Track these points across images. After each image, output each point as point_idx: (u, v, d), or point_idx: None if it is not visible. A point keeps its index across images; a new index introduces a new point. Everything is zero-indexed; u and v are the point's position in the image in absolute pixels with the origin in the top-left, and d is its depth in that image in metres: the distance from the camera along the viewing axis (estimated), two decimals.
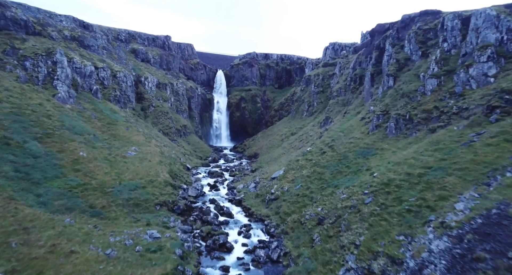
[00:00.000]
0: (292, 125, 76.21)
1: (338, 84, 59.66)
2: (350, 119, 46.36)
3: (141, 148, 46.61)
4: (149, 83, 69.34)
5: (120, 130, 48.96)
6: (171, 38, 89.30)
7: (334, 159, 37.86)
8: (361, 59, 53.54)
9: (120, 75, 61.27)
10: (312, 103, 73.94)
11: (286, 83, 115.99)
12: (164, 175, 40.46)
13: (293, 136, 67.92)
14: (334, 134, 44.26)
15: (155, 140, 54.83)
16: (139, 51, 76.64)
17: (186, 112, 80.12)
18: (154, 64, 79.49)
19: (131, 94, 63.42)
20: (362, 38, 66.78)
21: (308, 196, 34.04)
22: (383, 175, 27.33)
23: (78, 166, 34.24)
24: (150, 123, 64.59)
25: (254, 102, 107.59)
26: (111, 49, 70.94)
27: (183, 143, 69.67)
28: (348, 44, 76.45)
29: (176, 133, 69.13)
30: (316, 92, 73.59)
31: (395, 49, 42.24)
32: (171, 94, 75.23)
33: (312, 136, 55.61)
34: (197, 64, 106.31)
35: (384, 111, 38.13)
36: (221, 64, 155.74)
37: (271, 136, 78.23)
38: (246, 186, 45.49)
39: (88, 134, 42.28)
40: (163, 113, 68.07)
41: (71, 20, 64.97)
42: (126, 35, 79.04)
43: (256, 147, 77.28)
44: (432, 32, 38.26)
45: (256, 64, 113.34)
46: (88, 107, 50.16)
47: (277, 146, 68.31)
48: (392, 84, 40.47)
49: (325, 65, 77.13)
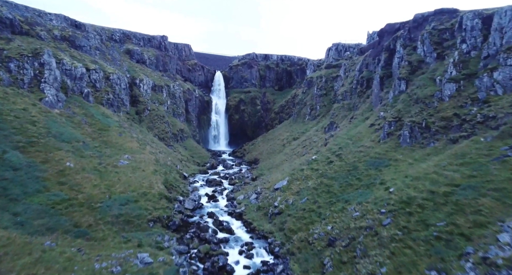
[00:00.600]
0: (293, 129, 73.56)
1: (343, 87, 57.04)
2: (357, 125, 43.70)
3: (135, 156, 43.81)
4: (144, 85, 66.56)
5: (112, 137, 46.15)
6: (167, 38, 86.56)
7: (342, 170, 35.18)
8: (368, 61, 50.92)
9: (114, 77, 58.48)
10: (314, 107, 71.29)
11: (287, 84, 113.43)
12: (158, 186, 37.67)
13: (295, 141, 65.24)
14: (341, 141, 41.60)
15: (150, 146, 52.06)
16: (134, 52, 73.85)
17: (183, 116, 77.34)
18: (149, 66, 76.70)
19: (125, 97, 60.63)
20: (368, 38, 64.26)
21: (315, 212, 31.34)
22: (401, 191, 24.67)
23: (64, 179, 31.42)
24: (145, 127, 61.79)
25: (254, 104, 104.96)
26: (104, 50, 68.12)
27: (180, 148, 66.89)
28: (352, 45, 73.91)
29: (172, 138, 66.35)
30: (319, 95, 70.96)
31: (407, 50, 39.61)
32: (167, 96, 72.45)
33: (316, 142, 52.94)
34: (194, 65, 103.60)
35: (396, 118, 35.50)
36: (219, 65, 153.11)
37: (272, 140, 75.54)
38: (246, 197, 42.76)
39: (77, 141, 39.47)
40: (159, 117, 65.28)
41: (62, 19, 62.14)
42: (121, 35, 76.24)
43: (256, 152, 74.56)
44: (449, 32, 35.68)
45: (256, 65, 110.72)
46: (78, 111, 47.34)
47: (279, 151, 65.61)
48: (404, 88, 37.85)
49: (328, 67, 74.53)
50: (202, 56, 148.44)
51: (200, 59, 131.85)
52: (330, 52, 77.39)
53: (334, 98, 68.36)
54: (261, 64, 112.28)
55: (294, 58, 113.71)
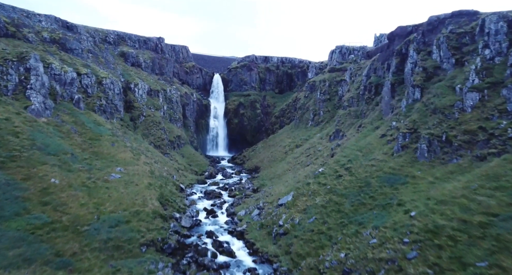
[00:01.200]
0: (296, 135, 70.86)
1: (349, 93, 54.39)
2: (367, 135, 41.02)
3: (128, 168, 40.98)
4: (140, 90, 63.74)
5: (104, 147, 43.30)
6: (164, 40, 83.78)
7: (353, 186, 32.47)
8: (376, 65, 48.31)
9: (107, 82, 55.66)
10: (318, 112, 68.64)
11: (287, 87, 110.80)
12: (153, 203, 34.85)
13: (298, 148, 62.53)
14: (350, 152, 38.90)
15: (144, 156, 49.26)
16: (129, 55, 71.02)
17: (180, 121, 74.53)
18: (145, 69, 73.88)
19: (119, 103, 57.80)
20: (375, 41, 61.65)
21: (325, 234, 28.60)
22: (425, 217, 21.97)
23: (47, 198, 28.56)
24: (140, 135, 58.94)
25: (253, 108, 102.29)
26: (97, 53, 65.27)
27: (177, 156, 64.05)
28: (357, 47, 71.32)
29: (169, 145, 63.52)
30: (323, 100, 68.31)
31: (421, 55, 36.99)
32: (163, 101, 69.62)
33: (321, 151, 50.25)
34: (192, 68, 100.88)
35: (411, 129, 32.84)
36: (217, 66, 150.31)
37: (273, 147, 72.80)
38: (248, 213, 39.99)
39: (64, 153, 36.62)
40: (155, 123, 62.44)
41: (52, 20, 59.32)
42: (115, 36, 73.41)
43: (256, 159, 71.81)
44: (469, 37, 33.06)
45: (255, 68, 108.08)
46: (68, 119, 44.47)
47: (281, 159, 62.88)
48: (419, 96, 35.22)
49: (331, 70, 71.92)
50: (200, 58, 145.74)
51: (197, 61, 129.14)
52: (334, 55, 74.79)
53: (339, 104, 65.77)
54: (261, 66, 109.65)
55: (295, 60, 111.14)
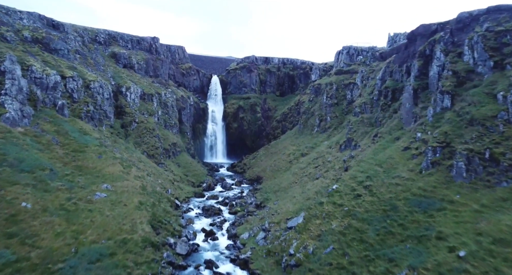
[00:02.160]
0: (300, 142, 66.58)
1: (361, 98, 50.15)
2: (385, 146, 36.77)
3: (116, 185, 36.53)
4: (132, 94, 59.26)
5: (89, 160, 38.83)
6: (159, 40, 79.35)
7: (376, 209, 28.18)
8: (392, 68, 44.12)
9: (95, 86, 51.21)
10: (324, 118, 64.39)
11: (289, 90, 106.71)
12: (143, 228, 30.42)
13: (303, 157, 58.25)
14: (367, 167, 34.63)
15: (136, 168, 44.83)
16: (121, 55, 66.52)
17: (176, 127, 70.09)
18: (138, 71, 69.41)
19: (109, 109, 53.32)
20: (389, 41, 57.50)
21: (347, 270, 24.25)
22: (481, 261, 17.73)
23: (14, 228, 24.08)
24: (131, 143, 54.48)
25: (254, 111, 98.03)
26: (86, 53, 60.78)
27: (172, 166, 59.59)
28: (365, 48, 67.24)
29: (163, 154, 59.06)
30: (329, 104, 64.09)
31: (450, 57, 32.81)
32: (158, 106, 65.15)
33: (332, 163, 45.98)
34: (189, 69, 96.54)
35: (442, 143, 28.62)
36: (215, 68, 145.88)
37: (276, 154, 68.46)
38: (252, 235, 35.62)
39: (41, 169, 32.15)
40: (148, 130, 57.97)
41: (36, 18, 54.82)
42: (106, 36, 68.91)
43: (258, 168, 67.44)
44: (510, 36, 28.93)
45: (256, 69, 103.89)
46: (49, 128, 39.97)
47: (285, 169, 58.55)
48: (449, 104, 31.02)
49: (338, 73, 67.74)
50: (197, 58, 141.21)
51: (194, 62, 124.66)
52: (341, 56, 70.64)
53: (347, 109, 61.62)
54: (261, 67, 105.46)
55: (297, 62, 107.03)
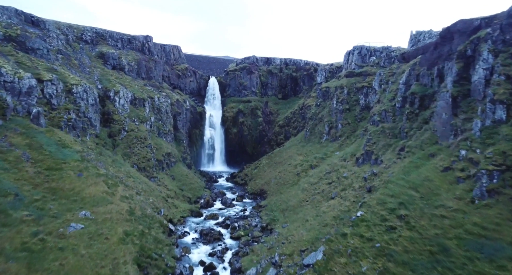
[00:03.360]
0: (308, 151, 61.24)
1: (380, 105, 44.80)
2: (418, 164, 31.46)
3: (97, 210, 31.01)
4: (121, 99, 53.68)
5: (66, 179, 33.26)
6: (152, 38, 73.78)
7: (420, 250, 22.83)
8: (419, 71, 38.83)
9: (78, 90, 45.66)
10: (334, 124, 59.07)
11: (292, 92, 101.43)
12: (127, 270, 24.91)
13: (313, 170, 52.92)
14: (398, 190, 29.31)
15: (123, 185, 39.32)
16: (109, 56, 60.83)
17: (171, 134, 64.53)
18: (129, 73, 63.79)
19: (94, 116, 47.74)
20: (411, 40, 52.07)
21: None
22: None
23: None
24: (120, 155, 48.91)
25: (254, 115, 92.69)
26: (70, 53, 55.23)
27: (166, 179, 54.06)
28: (379, 48, 62.06)
29: (156, 166, 53.55)
30: (340, 110, 58.80)
31: (501, 59, 27.54)
32: (150, 112, 59.58)
33: (349, 179, 40.65)
34: (185, 70, 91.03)
35: (501, 166, 23.36)
36: (213, 68, 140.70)
37: (281, 165, 63.06)
38: (260, 271, 30.17)
39: (4, 195, 26.63)
40: (139, 139, 52.41)
41: (12, 13, 49.25)
42: (93, 34, 63.27)
43: (261, 180, 61.99)
44: None
45: (256, 70, 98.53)
46: (20, 142, 34.39)
47: (292, 183, 53.17)
48: (504, 116, 25.79)
49: (349, 75, 62.48)
50: (194, 59, 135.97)
51: (191, 62, 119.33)
52: (351, 57, 65.39)
53: (360, 115, 56.40)
54: (262, 68, 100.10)
55: (300, 62, 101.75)
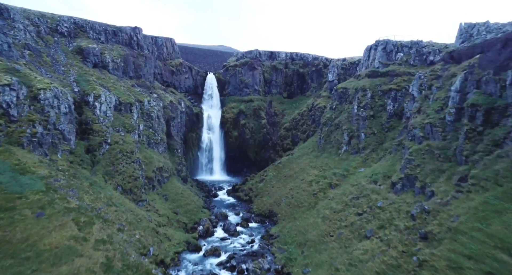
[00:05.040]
0: (323, 164, 53.47)
1: (422, 116, 36.84)
2: (498, 208, 23.70)
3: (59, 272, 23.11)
4: (103, 104, 45.43)
5: (19, 224, 25.30)
6: (141, 30, 65.09)
7: None
8: (480, 75, 30.94)
9: (47, 96, 37.44)
10: (356, 134, 51.25)
11: (298, 91, 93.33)
12: None
13: (333, 190, 45.28)
14: (477, 248, 21.69)
15: (101, 221, 31.40)
16: (90, 51, 52.23)
17: (163, 144, 56.38)
18: (114, 71, 55.31)
19: (68, 127, 39.55)
20: (461, 35, 43.60)
21: None
22: None
23: None
24: (100, 175, 40.88)
25: (257, 117, 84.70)
26: (40, 49, 46.85)
27: (158, 200, 46.18)
28: (406, 43, 54.05)
29: (146, 185, 45.66)
30: (363, 117, 50.94)
31: None
32: (139, 118, 51.42)
33: (386, 211, 32.97)
34: (179, 66, 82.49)
35: None
36: (211, 62, 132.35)
37: (291, 179, 55.29)
38: None
39: None
40: (125, 154, 44.37)
41: None
42: (70, 25, 54.61)
43: (269, 197, 54.23)
44: None
45: (259, 66, 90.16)
46: None
47: (308, 205, 45.50)
48: None
49: (373, 75, 54.47)
50: (189, 51, 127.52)
51: (186, 56, 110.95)
52: (374, 53, 57.31)
53: (388, 124, 48.64)
54: (265, 64, 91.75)
55: (307, 57, 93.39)
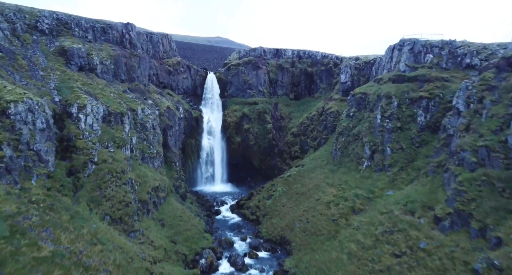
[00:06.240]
0: (342, 181, 47.68)
1: (473, 136, 30.88)
2: None
3: None
4: (88, 116, 39.24)
5: None
6: (134, 27, 58.56)
7: None
8: None
9: (19, 110, 31.35)
10: (380, 148, 45.37)
11: (306, 92, 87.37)
12: None
13: (357, 216, 39.55)
14: None
15: (82, 269, 25.45)
16: (74, 52, 45.78)
17: (159, 157, 50.27)
18: (103, 75, 48.98)
19: (45, 146, 33.43)
20: None
21: None
22: None
23: None
24: (85, 202, 34.89)
25: (262, 121, 78.78)
26: (15, 50, 40.57)
27: (153, 228, 40.27)
28: (436, 42, 48.05)
29: (139, 211, 39.74)
30: (389, 129, 45.02)
31: None
32: (132, 130, 45.30)
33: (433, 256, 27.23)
34: (177, 65, 76.16)
35: None
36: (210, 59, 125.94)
37: (304, 198, 49.48)
38: None
39: None
40: (115, 174, 38.33)
41: None
42: (53, 22, 48.14)
43: (280, 219, 48.40)
44: None
45: (264, 65, 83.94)
46: None
47: (328, 234, 39.73)
48: None
49: (398, 80, 48.44)
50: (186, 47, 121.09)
51: (183, 52, 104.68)
52: (399, 54, 51.23)
53: (419, 138, 42.74)
54: (270, 63, 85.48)
55: (316, 55, 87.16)
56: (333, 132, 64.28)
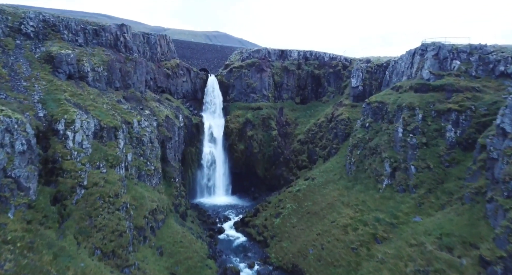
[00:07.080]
0: (358, 200, 43.53)
1: None
2: None
3: None
4: (77, 133, 34.80)
5: None
6: (130, 29, 53.92)
7: None
8: None
9: None
10: (403, 166, 41.11)
11: (313, 95, 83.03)
12: None
13: (380, 245, 35.36)
14: None
15: None
16: (63, 59, 41.16)
17: (158, 174, 45.91)
18: (95, 83, 44.44)
19: (25, 172, 29.00)
20: None
21: None
22: None
23: None
24: (72, 234, 30.55)
25: (267, 127, 74.50)
26: None
27: (150, 259, 36.01)
28: (464, 47, 43.73)
29: (134, 240, 35.47)
30: (413, 145, 40.75)
31: None
32: (127, 145, 40.90)
33: None
34: (176, 68, 71.65)
35: None
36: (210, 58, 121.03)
37: (317, 218, 45.31)
38: None
39: None
40: (107, 200, 34.01)
41: None
42: (39, 24, 43.52)
43: (290, 242, 44.22)
44: None
45: (268, 68, 79.48)
46: None
47: (348, 266, 35.59)
48: None
49: (421, 89, 44.11)
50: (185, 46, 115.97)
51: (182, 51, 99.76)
52: (421, 60, 46.91)
53: (448, 156, 38.51)
54: (275, 65, 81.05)
55: (323, 56, 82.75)
56: (344, 141, 60.15)
